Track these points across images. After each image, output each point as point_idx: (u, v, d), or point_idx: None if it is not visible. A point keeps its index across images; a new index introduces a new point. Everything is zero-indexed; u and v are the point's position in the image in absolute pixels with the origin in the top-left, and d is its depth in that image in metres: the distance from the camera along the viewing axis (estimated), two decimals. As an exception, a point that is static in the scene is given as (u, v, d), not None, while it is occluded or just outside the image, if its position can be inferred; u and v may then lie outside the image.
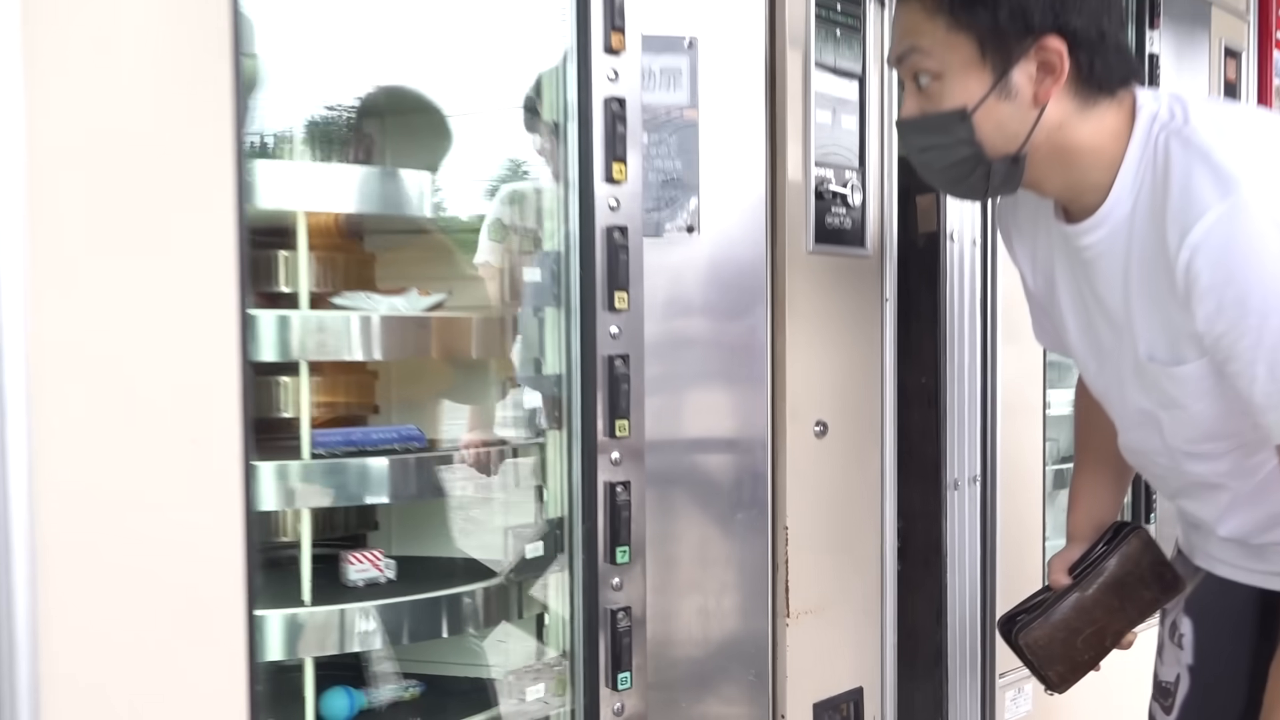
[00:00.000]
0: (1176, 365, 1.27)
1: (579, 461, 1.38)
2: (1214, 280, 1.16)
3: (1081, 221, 1.31)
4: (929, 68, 1.25)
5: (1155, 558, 1.55)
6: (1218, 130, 1.21)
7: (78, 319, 0.94)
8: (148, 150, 0.98)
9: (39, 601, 0.91)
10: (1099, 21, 1.25)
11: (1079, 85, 1.25)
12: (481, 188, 1.60)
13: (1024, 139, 1.25)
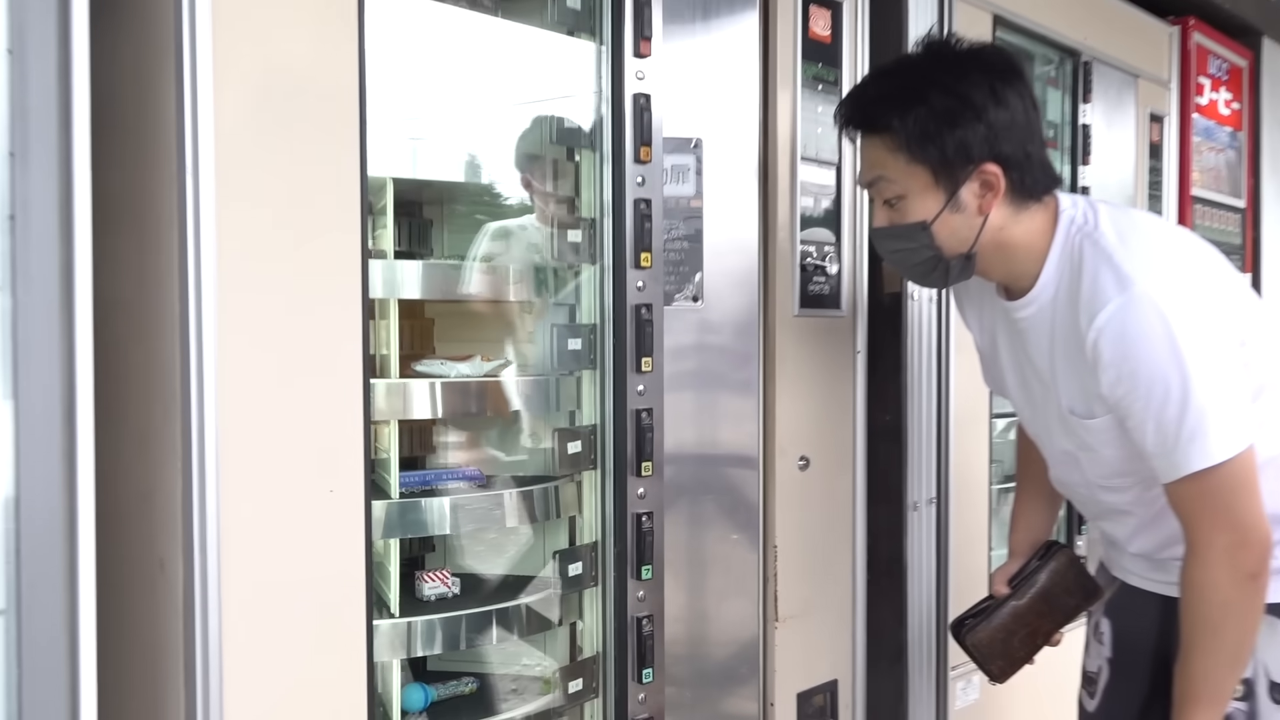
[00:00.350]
0: (1090, 419, 1.52)
1: (611, 495, 1.64)
2: (1113, 357, 1.41)
3: (1017, 300, 1.57)
4: (894, 192, 1.52)
5: (1078, 571, 1.80)
6: (1119, 236, 1.47)
7: (255, 401, 1.22)
8: (311, 266, 1.26)
9: (225, 611, 1.19)
10: (1024, 146, 1.49)
11: (1013, 196, 1.50)
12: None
13: (973, 241, 1.52)
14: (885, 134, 1.49)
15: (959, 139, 1.46)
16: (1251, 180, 3.59)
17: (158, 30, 1.17)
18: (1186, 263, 1.48)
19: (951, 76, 1.48)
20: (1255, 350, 1.48)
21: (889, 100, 1.50)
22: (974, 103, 1.45)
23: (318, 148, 1.26)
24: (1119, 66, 2.86)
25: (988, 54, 1.56)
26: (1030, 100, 1.52)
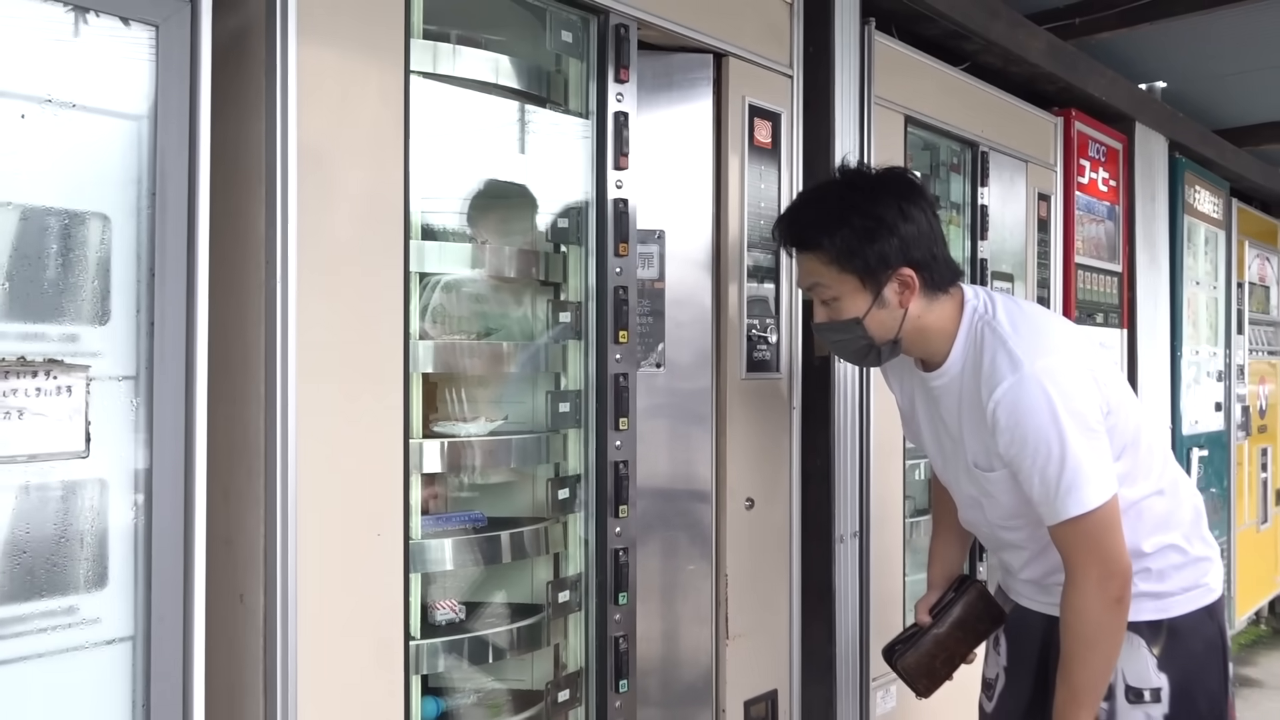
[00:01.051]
0: (990, 471, 1.80)
1: (594, 533, 1.95)
2: (1007, 424, 1.70)
3: (932, 371, 1.88)
4: (829, 295, 1.81)
5: (988, 601, 2.04)
6: (1012, 325, 1.76)
7: (322, 462, 1.50)
8: (366, 349, 1.54)
9: (300, 635, 1.46)
10: (930, 250, 1.79)
11: (925, 290, 1.79)
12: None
13: (898, 329, 1.81)
14: (818, 251, 1.79)
15: (878, 251, 1.76)
16: (1127, 247, 4.04)
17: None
18: (1064, 348, 1.77)
19: (867, 201, 1.77)
20: (1116, 417, 1.79)
21: (818, 225, 1.79)
22: (887, 221, 1.75)
23: (376, 256, 1.56)
24: (1011, 154, 3.27)
25: (894, 179, 1.85)
26: (931, 212, 1.82)
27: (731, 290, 2.22)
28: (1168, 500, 1.83)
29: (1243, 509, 5.43)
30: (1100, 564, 1.69)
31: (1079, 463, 1.66)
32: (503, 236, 1.97)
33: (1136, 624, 1.80)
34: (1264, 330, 5.90)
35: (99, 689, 1.29)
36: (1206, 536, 1.90)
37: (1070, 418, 1.67)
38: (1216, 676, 1.83)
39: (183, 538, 1.33)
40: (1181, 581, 1.82)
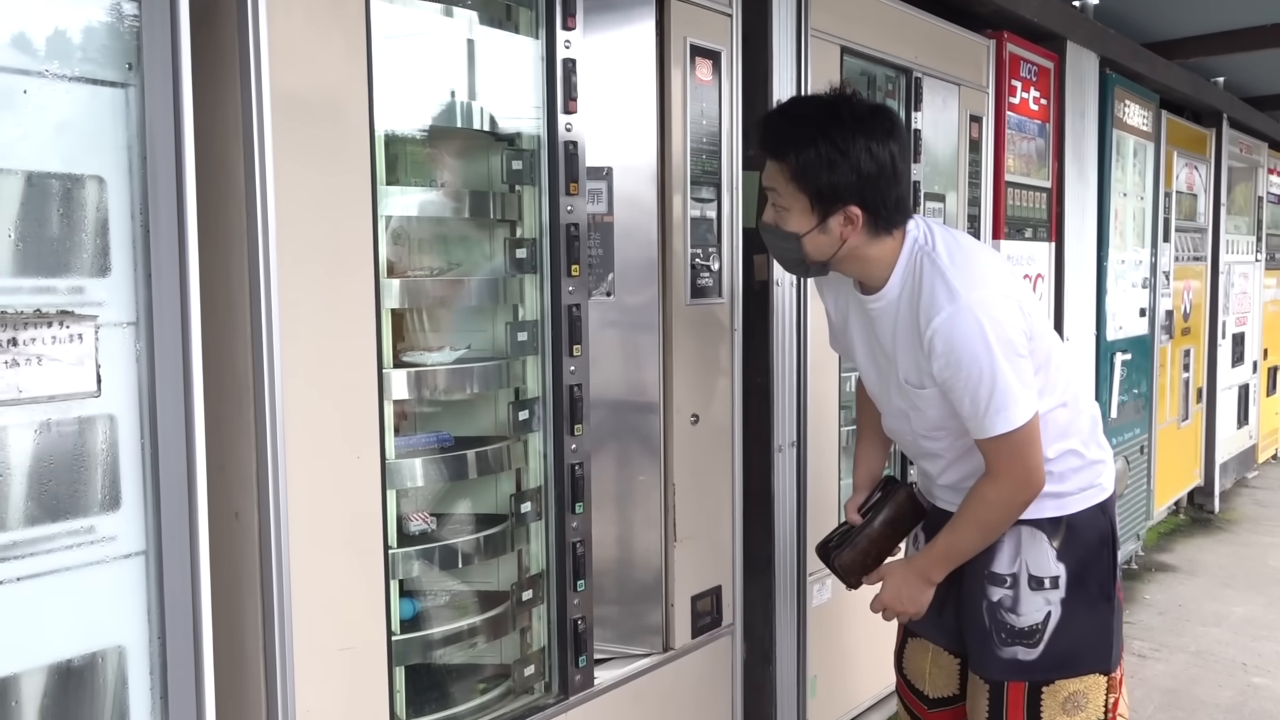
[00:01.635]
0: (921, 389, 1.95)
1: (552, 450, 2.14)
2: (943, 350, 1.84)
3: (870, 294, 1.98)
4: (780, 204, 1.91)
5: (914, 500, 2.19)
6: (950, 258, 1.89)
7: (306, 391, 1.66)
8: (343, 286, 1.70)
9: (291, 545, 1.64)
10: (886, 193, 1.88)
11: (869, 229, 1.90)
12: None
13: (830, 256, 1.94)
14: (781, 161, 1.88)
15: (832, 183, 1.85)
16: (1056, 163, 4.23)
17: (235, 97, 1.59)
18: (996, 281, 1.91)
19: (840, 132, 1.84)
20: (1035, 343, 1.95)
21: (789, 139, 1.88)
22: (850, 156, 1.84)
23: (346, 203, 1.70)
24: (944, 78, 3.42)
25: (876, 117, 1.90)
26: (901, 154, 1.90)
27: (675, 221, 2.37)
28: (1070, 411, 2.03)
29: (1164, 407, 5.77)
30: (1022, 474, 1.90)
31: (1007, 386, 1.84)
32: (462, 175, 2.11)
33: (1039, 520, 2.01)
34: (1191, 236, 6.17)
35: (119, 597, 1.47)
36: (1101, 441, 2.12)
37: (1000, 345, 1.84)
38: (1106, 563, 2.07)
39: (185, 463, 1.50)
40: (1079, 482, 2.04)
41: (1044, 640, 2.02)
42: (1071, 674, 2.03)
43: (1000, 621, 2.04)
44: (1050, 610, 2.02)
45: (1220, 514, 6.64)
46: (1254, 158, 7.21)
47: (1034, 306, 2.01)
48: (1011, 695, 2.03)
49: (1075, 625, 2.02)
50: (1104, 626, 2.05)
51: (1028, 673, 2.02)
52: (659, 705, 2.42)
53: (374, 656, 1.79)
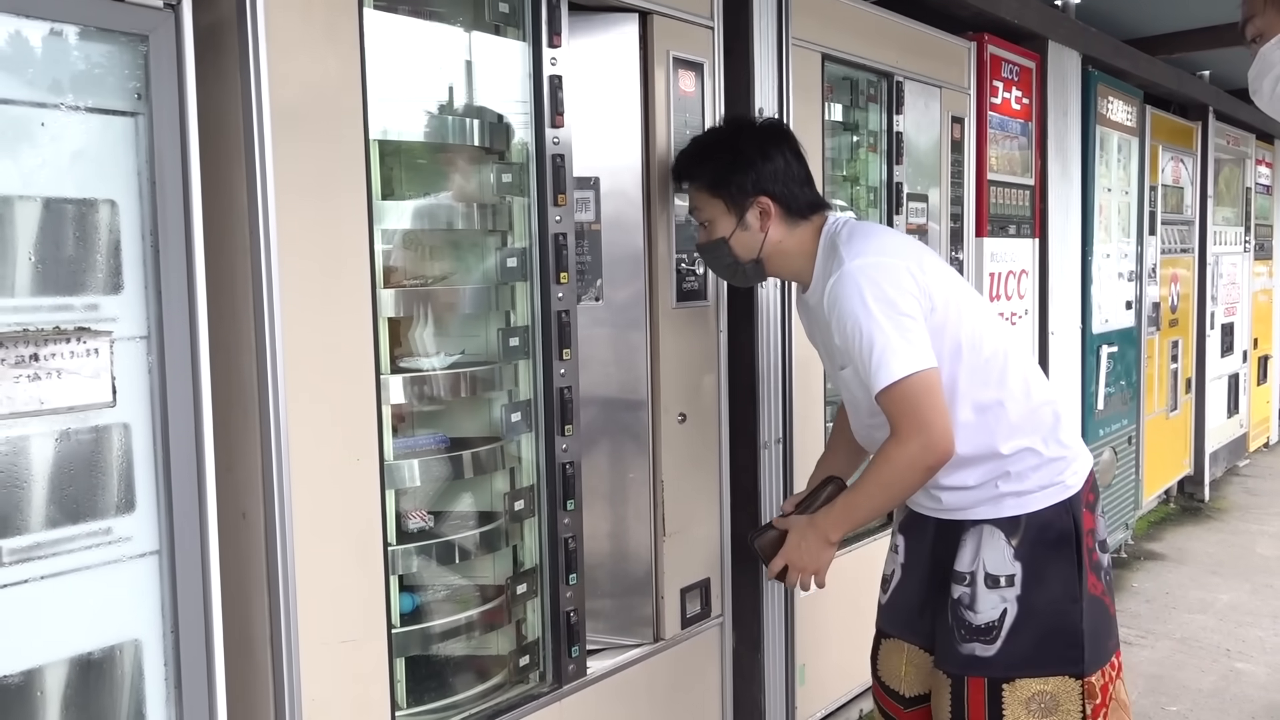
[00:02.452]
0: (842, 370, 2.08)
1: (543, 449, 2.24)
2: (831, 314, 1.97)
3: (805, 292, 2.18)
4: (705, 217, 2.20)
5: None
6: (849, 237, 2.04)
7: (308, 397, 1.76)
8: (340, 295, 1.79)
9: (296, 544, 1.74)
10: (788, 186, 2.12)
11: (784, 218, 2.12)
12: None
13: (758, 250, 2.14)
14: (695, 180, 2.21)
15: (738, 181, 2.13)
16: (1039, 161, 4.32)
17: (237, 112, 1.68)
18: (883, 252, 2.00)
19: (735, 140, 2.18)
20: (943, 315, 1.99)
21: (695, 159, 2.24)
22: (747, 156, 2.13)
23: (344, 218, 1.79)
24: (925, 81, 3.51)
25: (765, 126, 2.25)
26: (793, 155, 2.17)
27: (661, 228, 2.46)
28: (1022, 406, 2.07)
29: (1152, 398, 5.86)
30: (924, 432, 1.91)
31: (886, 339, 1.90)
32: (455, 187, 2.20)
33: (998, 519, 2.05)
34: (1178, 229, 6.26)
35: (134, 594, 1.57)
36: (1065, 438, 2.12)
37: (877, 303, 1.91)
38: (1071, 561, 2.06)
39: (195, 467, 1.59)
40: (1039, 480, 2.06)
41: (1001, 637, 2.04)
42: (1034, 673, 2.04)
43: (960, 618, 2.08)
44: (1006, 608, 2.04)
45: (1210, 502, 6.73)
46: (1241, 149, 7.29)
47: (944, 284, 2.05)
48: (972, 690, 2.05)
49: (1035, 624, 2.03)
50: (1070, 628, 2.04)
51: (986, 668, 2.04)
52: (649, 693, 2.52)
53: (375, 648, 1.89)
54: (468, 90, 2.16)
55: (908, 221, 3.46)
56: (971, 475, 2.07)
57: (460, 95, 2.16)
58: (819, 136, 3.03)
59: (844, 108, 3.33)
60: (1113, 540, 5.35)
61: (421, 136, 2.07)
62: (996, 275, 4.02)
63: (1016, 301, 4.19)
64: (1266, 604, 4.87)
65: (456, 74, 2.15)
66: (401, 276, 2.13)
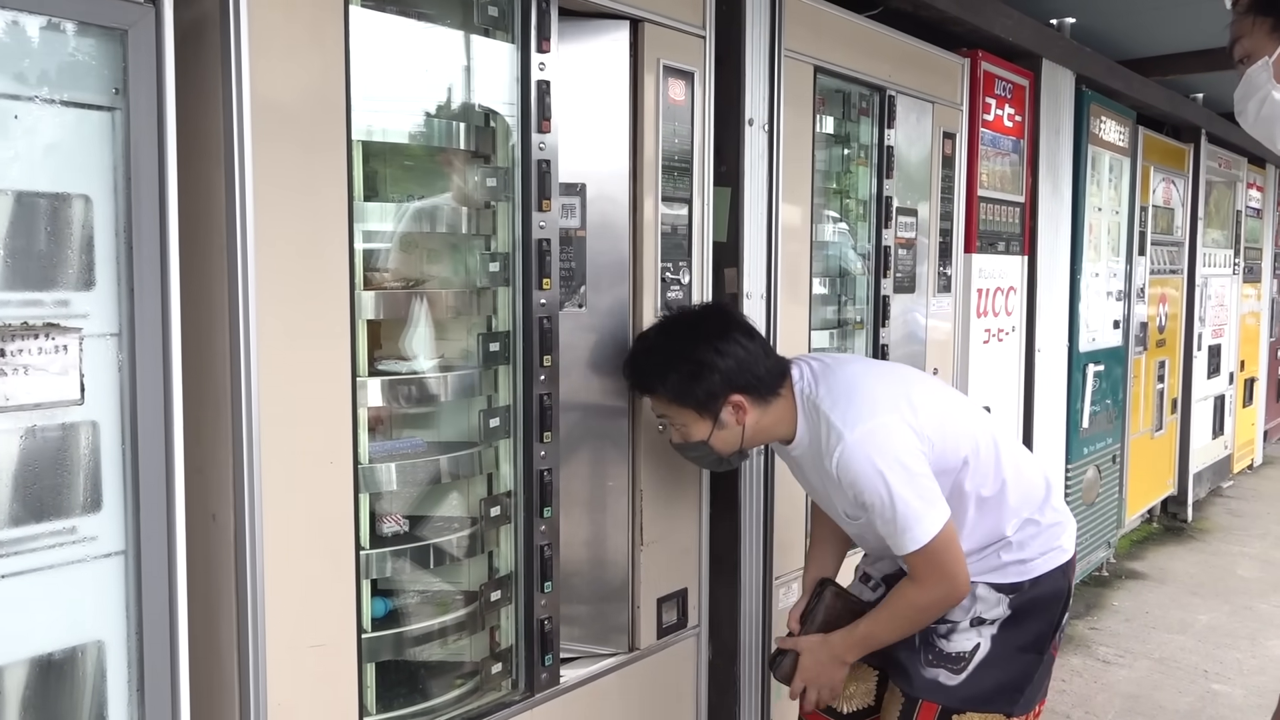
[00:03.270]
0: (857, 519, 2.12)
1: (522, 456, 2.22)
2: (847, 484, 2.02)
3: (789, 445, 2.19)
4: (677, 423, 2.17)
5: (845, 599, 2.25)
6: (831, 399, 2.08)
7: (282, 399, 1.74)
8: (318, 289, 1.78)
9: (266, 547, 1.72)
10: (752, 373, 2.11)
11: (757, 402, 2.13)
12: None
13: (740, 441, 2.17)
14: (656, 394, 2.18)
15: (705, 389, 2.11)
16: (1030, 179, 4.33)
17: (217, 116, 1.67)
18: (875, 413, 2.05)
19: (686, 348, 2.12)
20: (945, 444, 2.07)
21: (652, 373, 2.18)
22: (706, 363, 2.10)
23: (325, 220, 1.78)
24: (918, 95, 3.51)
25: (707, 319, 2.21)
26: (745, 336, 2.15)
27: (647, 236, 2.45)
28: (1018, 489, 2.16)
29: (1138, 418, 5.87)
30: (941, 579, 2.03)
31: (907, 506, 1.98)
32: (439, 191, 2.19)
33: (1002, 584, 2.15)
34: (1168, 250, 6.28)
35: (99, 594, 1.54)
36: (1057, 504, 2.23)
37: (891, 470, 1.98)
38: (1051, 619, 2.18)
39: (164, 467, 1.57)
40: (1040, 546, 2.16)
41: (968, 670, 2.12)
42: (981, 709, 2.13)
43: (930, 643, 2.15)
44: (980, 643, 2.13)
45: (1193, 523, 6.75)
46: (1233, 172, 7.32)
47: (931, 415, 2.10)
48: (923, 713, 2.13)
49: (1000, 666, 2.12)
50: (1024, 674, 2.15)
51: (944, 696, 2.12)
52: (623, 703, 2.50)
53: (345, 653, 1.87)
54: (455, 93, 2.15)
55: (897, 236, 3.46)
56: (974, 547, 2.15)
57: (447, 98, 2.15)
58: (810, 148, 3.02)
59: (835, 120, 3.33)
60: (1095, 559, 5.36)
61: (406, 139, 2.05)
62: (984, 291, 4.02)
63: (1004, 318, 4.19)
64: (1245, 626, 4.88)
65: (444, 76, 2.14)
66: (383, 279, 2.11)
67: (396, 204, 2.07)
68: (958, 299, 3.86)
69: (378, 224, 2.02)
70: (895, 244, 3.44)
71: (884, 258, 3.39)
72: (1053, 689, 4.06)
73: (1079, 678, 4.27)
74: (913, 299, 3.59)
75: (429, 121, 2.11)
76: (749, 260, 2.77)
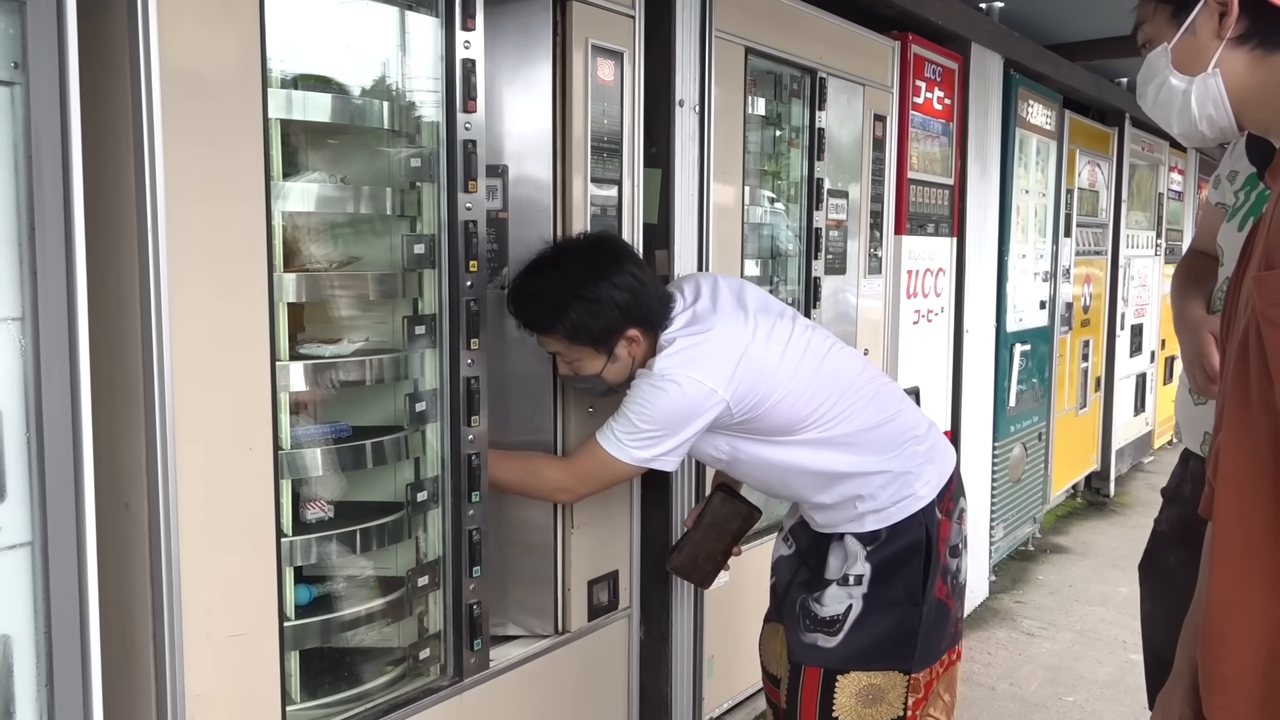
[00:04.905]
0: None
1: (449, 440, 2.20)
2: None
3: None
4: (569, 359, 2.20)
5: (732, 503, 2.43)
6: (670, 339, 2.16)
7: (197, 380, 1.69)
8: (232, 277, 1.73)
9: (182, 536, 1.68)
10: (645, 305, 2.15)
11: (649, 333, 2.18)
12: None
13: (628, 376, 2.21)
14: (551, 334, 2.17)
15: (602, 325, 2.12)
16: (959, 161, 4.38)
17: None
18: (695, 373, 2.09)
19: (582, 284, 2.10)
20: (778, 395, 2.12)
21: (547, 314, 2.15)
22: (604, 299, 2.10)
23: (239, 195, 1.73)
24: (849, 78, 3.53)
25: (600, 250, 2.18)
26: (637, 267, 2.17)
27: (576, 217, 2.43)
28: (879, 432, 2.21)
29: (1063, 396, 6.01)
30: (576, 479, 2.23)
31: (631, 428, 2.12)
32: (362, 170, 2.14)
33: (861, 534, 2.21)
34: (1092, 231, 6.41)
35: (4, 587, 1.49)
36: (916, 451, 2.25)
37: (656, 408, 2.10)
38: (917, 569, 2.21)
39: (72, 456, 1.52)
40: (892, 495, 2.20)
41: (843, 630, 2.17)
42: (866, 667, 2.17)
43: (806, 609, 2.22)
44: (851, 604, 2.18)
45: (1115, 498, 6.94)
46: (1155, 156, 7.50)
47: (771, 362, 2.15)
48: (807, 679, 2.19)
49: (875, 622, 2.16)
50: (908, 629, 2.18)
51: (824, 658, 2.18)
52: (554, 686, 2.50)
53: (266, 642, 1.84)
54: (377, 70, 2.10)
55: (828, 218, 3.48)
56: (828, 497, 2.23)
57: (370, 75, 2.10)
58: (741, 130, 3.02)
59: (767, 102, 3.34)
60: (1020, 534, 5.48)
61: (326, 116, 2.00)
62: (914, 273, 4.07)
63: (933, 299, 4.25)
64: (1163, 598, 5.03)
65: (366, 53, 2.09)
66: (304, 261, 2.07)
67: (318, 184, 2.02)
68: (888, 280, 3.90)
69: (299, 205, 1.97)
70: (826, 225, 3.47)
71: (815, 239, 3.41)
72: (978, 661, 4.18)
73: (1004, 650, 4.37)
74: (844, 280, 3.62)
75: (348, 99, 2.06)
76: (680, 242, 2.76)
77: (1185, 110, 1.51)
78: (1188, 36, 1.48)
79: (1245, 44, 1.42)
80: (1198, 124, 1.52)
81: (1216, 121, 1.50)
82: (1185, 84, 1.49)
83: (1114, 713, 3.84)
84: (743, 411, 2.13)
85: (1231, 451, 1.17)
